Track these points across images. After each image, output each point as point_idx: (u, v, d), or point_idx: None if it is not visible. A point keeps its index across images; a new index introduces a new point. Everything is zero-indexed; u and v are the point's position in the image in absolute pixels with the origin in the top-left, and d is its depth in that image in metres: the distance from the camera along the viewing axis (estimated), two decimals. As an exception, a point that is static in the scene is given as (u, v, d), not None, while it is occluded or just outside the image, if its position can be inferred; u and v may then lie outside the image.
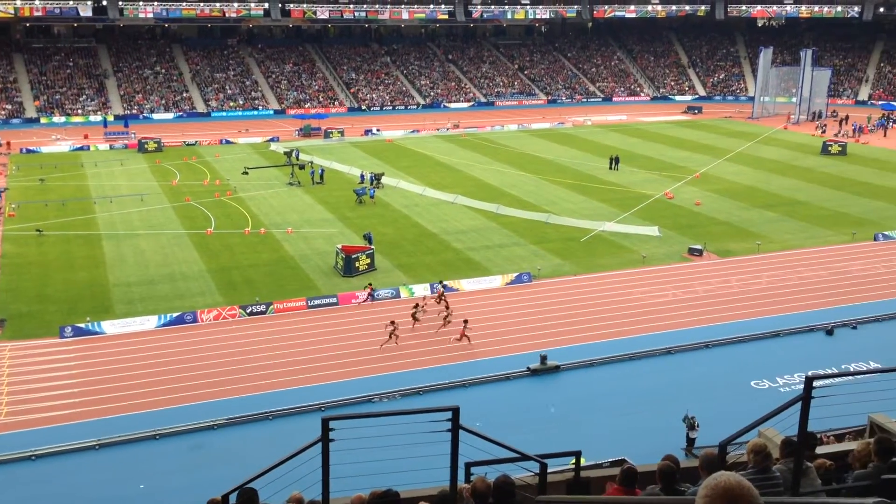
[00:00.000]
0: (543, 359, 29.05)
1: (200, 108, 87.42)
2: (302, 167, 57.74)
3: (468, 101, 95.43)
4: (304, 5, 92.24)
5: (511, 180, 56.80)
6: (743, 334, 31.97)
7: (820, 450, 12.30)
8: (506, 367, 29.10)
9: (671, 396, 26.95)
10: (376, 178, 54.68)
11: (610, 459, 20.98)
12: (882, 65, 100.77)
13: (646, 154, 66.07)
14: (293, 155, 60.01)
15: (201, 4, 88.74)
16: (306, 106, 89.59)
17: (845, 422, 18.11)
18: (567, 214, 47.91)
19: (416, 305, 32.93)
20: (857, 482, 6.15)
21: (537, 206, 49.86)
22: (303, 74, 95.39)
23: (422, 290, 36.08)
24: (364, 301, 35.07)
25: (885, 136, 75.44)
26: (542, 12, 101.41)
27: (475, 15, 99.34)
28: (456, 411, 6.28)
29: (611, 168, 60.19)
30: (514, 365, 29.25)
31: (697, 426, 23.67)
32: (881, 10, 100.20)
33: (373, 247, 40.15)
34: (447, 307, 33.14)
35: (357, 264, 38.05)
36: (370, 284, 35.87)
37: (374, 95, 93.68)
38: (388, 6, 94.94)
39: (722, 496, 2.62)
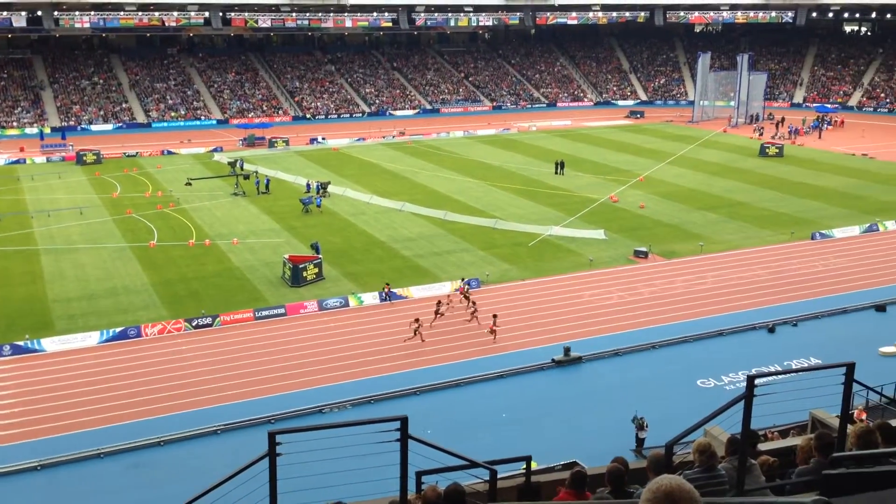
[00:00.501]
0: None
1: (141, 118, 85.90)
2: (247, 177, 57.09)
3: (413, 108, 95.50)
4: (246, 14, 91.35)
5: (458, 187, 56.96)
6: (688, 334, 32.49)
7: (765, 446, 12.54)
8: (460, 372, 29.10)
9: (621, 397, 27.25)
10: (322, 187, 54.33)
11: (562, 462, 21.16)
12: (816, 68, 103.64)
13: (590, 158, 66.88)
14: (237, 165, 59.31)
15: (140, 14, 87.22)
16: (250, 115, 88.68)
17: (789, 418, 18.59)
18: (514, 219, 48.20)
19: (439, 302, 33.94)
20: (799, 478, 6.27)
21: (485, 211, 50.09)
22: (246, 83, 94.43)
23: (371, 298, 35.92)
24: (382, 301, 35.67)
25: (819, 137, 77.55)
26: (486, 19, 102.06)
27: (419, 22, 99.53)
28: (404, 421, 6.22)
29: (556, 173, 60.77)
30: (468, 371, 29.27)
31: (646, 426, 23.96)
32: (814, 14, 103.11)
33: (320, 256, 39.85)
34: (473, 303, 33.96)
35: (305, 274, 37.72)
36: (388, 284, 36.45)
37: (318, 104, 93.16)
38: (332, 14, 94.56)
39: (663, 499, 2.63)
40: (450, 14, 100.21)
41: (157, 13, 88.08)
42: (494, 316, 32.60)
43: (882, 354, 30.61)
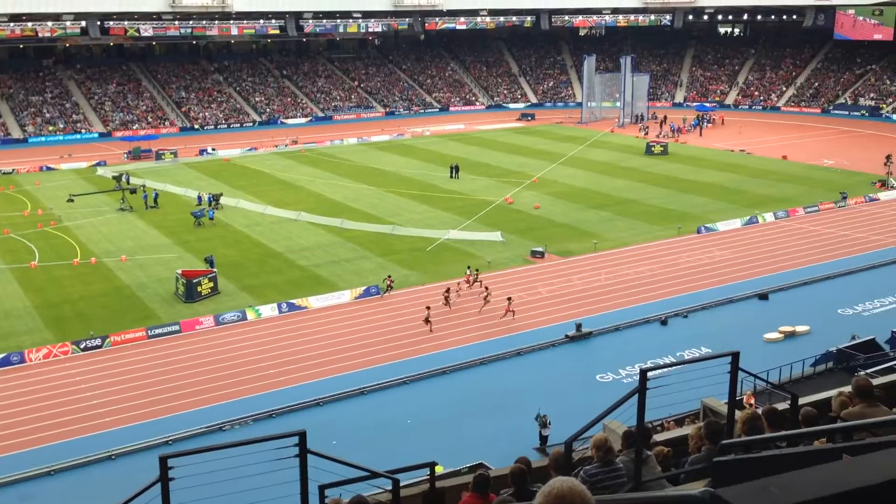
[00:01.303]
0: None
1: (16, 133, 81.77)
2: (133, 191, 55.14)
3: (305, 116, 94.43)
4: (126, 22, 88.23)
5: (354, 194, 56.61)
6: (586, 330, 33.23)
7: (661, 436, 12.90)
8: (363, 380, 28.87)
9: (524, 396, 27.61)
10: (214, 199, 53.01)
11: (468, 465, 21.26)
12: (694, 69, 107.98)
13: (484, 161, 67.66)
14: (123, 179, 57.21)
15: (11, 24, 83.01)
16: (134, 127, 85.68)
17: (684, 407, 19.16)
18: (412, 225, 48.26)
19: (448, 290, 35.73)
20: (692, 466, 6.45)
21: (382, 218, 49.95)
22: (128, 95, 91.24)
23: (269, 310, 35.25)
24: (385, 293, 36.82)
25: (700, 135, 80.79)
26: (375, 25, 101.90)
27: (307, 29, 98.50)
28: (303, 436, 6.07)
29: (451, 177, 61.20)
30: (372, 378, 29.09)
31: (549, 424, 24.36)
32: (690, 17, 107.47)
33: (215, 270, 38.85)
34: (486, 288, 35.74)
35: (199, 289, 36.70)
36: (389, 276, 37.57)
37: (206, 114, 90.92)
38: (216, 22, 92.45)
39: (555, 502, 2.63)
40: (338, 21, 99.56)
41: (29, 24, 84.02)
42: (509, 299, 34.75)
43: (766, 340, 32.11)
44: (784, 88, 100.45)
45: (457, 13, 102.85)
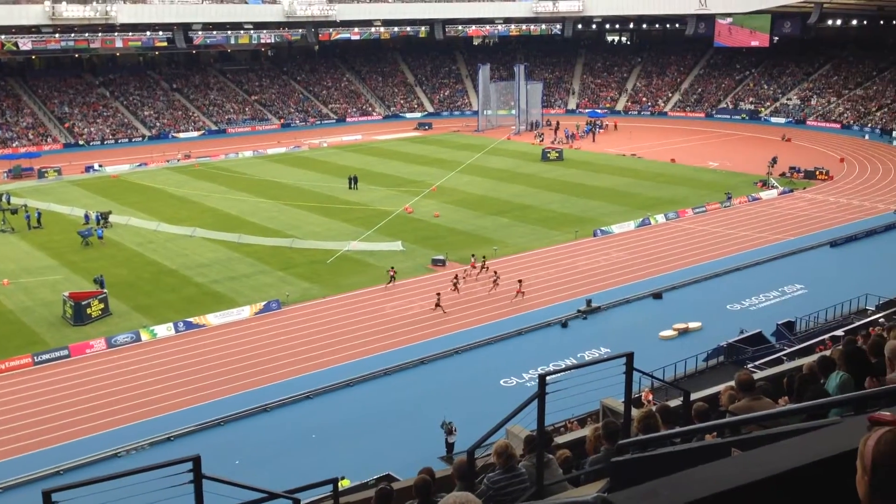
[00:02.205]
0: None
1: None
2: (14, 212, 52.52)
3: (198, 129, 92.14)
4: (3, 36, 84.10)
5: (251, 208, 55.52)
6: (489, 336, 33.53)
7: (564, 437, 13.07)
8: (265, 397, 28.26)
9: (430, 404, 27.62)
10: (103, 218, 51.02)
11: (375, 477, 21.09)
12: (585, 76, 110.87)
13: (383, 171, 67.54)
14: (3, 199, 54.41)
15: None
16: (14, 145, 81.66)
17: (585, 408, 19.53)
18: (311, 237, 47.68)
19: (456, 276, 38.33)
20: (592, 467, 6.53)
21: (280, 231, 49.16)
22: (7, 111, 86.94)
23: (165, 330, 34.12)
24: (388, 284, 38.57)
25: (593, 141, 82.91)
26: (267, 37, 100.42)
27: (196, 41, 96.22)
28: (196, 461, 5.84)
29: (350, 188, 60.81)
30: (275, 394, 28.51)
31: (455, 431, 24.40)
32: (579, 26, 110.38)
33: (105, 291, 37.37)
34: (495, 272, 38.80)
35: (89, 311, 35.21)
36: (392, 268, 39.47)
37: (92, 129, 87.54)
38: (100, 34, 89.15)
39: (450, 518, 2.59)
40: (229, 32, 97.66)
41: None
42: (520, 281, 37.49)
43: (662, 338, 33.13)
44: (670, 94, 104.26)
45: (351, 24, 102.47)
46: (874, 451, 1.89)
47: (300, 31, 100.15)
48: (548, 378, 6.73)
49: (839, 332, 26.40)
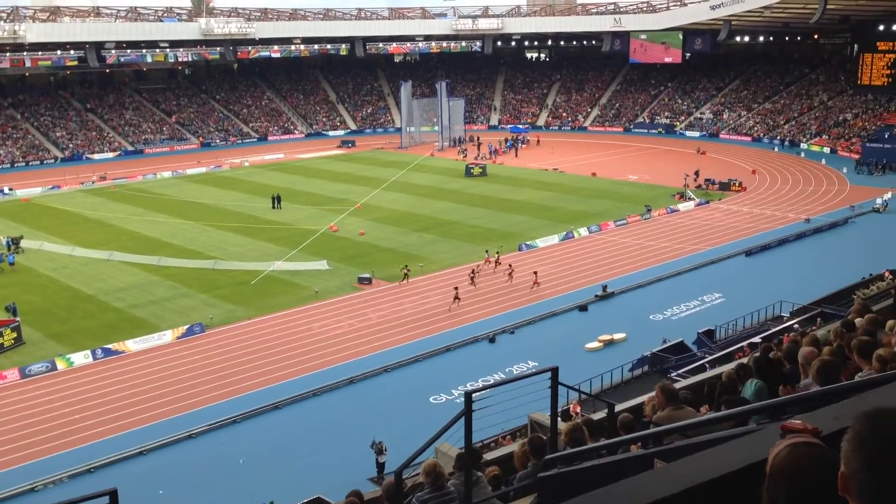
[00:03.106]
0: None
1: None
2: (-81, 239, 50.12)
3: (114, 150, 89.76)
4: None
5: (171, 230, 54.27)
6: (418, 353, 33.45)
7: (494, 453, 13.09)
8: (190, 423, 27.54)
9: (359, 425, 27.35)
10: (14, 243, 49.08)
11: (305, 500, 20.75)
12: (506, 92, 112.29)
13: (307, 190, 66.93)
14: None
15: None
16: (-82, 169, 78.15)
17: (515, 422, 19.63)
18: (235, 258, 46.86)
19: (473, 271, 41.60)
20: (520, 483, 6.54)
21: (202, 253, 48.16)
22: None
23: (82, 357, 32.97)
24: (402, 281, 41.05)
25: (516, 156, 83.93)
26: (184, 55, 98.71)
27: (110, 60, 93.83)
28: (114, 494, 5.63)
29: (274, 207, 60.06)
30: (201, 419, 27.80)
31: (385, 451, 24.22)
32: (499, 43, 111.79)
33: (18, 319, 35.94)
34: (510, 265, 42.32)
35: (0, 340, 33.79)
36: (406, 266, 41.88)
37: (1, 151, 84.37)
38: (7, 54, 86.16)
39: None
40: (144, 50, 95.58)
41: None
42: (535, 273, 40.95)
43: (588, 350, 33.61)
44: (589, 109, 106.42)
45: (270, 41, 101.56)
46: (772, 463, 1.93)
47: (218, 49, 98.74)
48: (475, 395, 6.73)
49: (757, 339, 27.24)
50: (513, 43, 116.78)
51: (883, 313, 12.01)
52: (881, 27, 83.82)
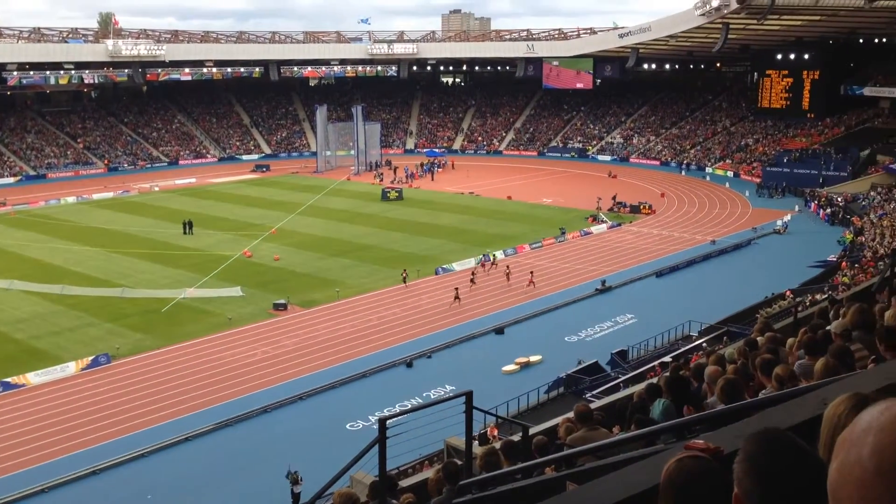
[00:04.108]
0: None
1: None
2: None
3: (14, 175, 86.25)
4: None
5: (76, 257, 52.33)
6: (335, 379, 33.01)
7: (410, 480, 12.95)
8: (94, 458, 26.42)
9: (274, 454, 26.73)
10: None
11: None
12: (422, 117, 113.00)
13: (220, 215, 65.65)
14: None
15: None
16: None
17: (431, 448, 19.55)
18: (144, 286, 45.46)
19: (474, 273, 45.80)
20: (435, 511, 6.46)
21: (109, 281, 46.56)
22: None
23: (-22, 393, 31.31)
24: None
25: (432, 179, 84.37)
26: (90, 77, 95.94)
27: (11, 82, 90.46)
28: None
29: (185, 233, 58.64)
30: (106, 454, 26.70)
31: (301, 480, 23.74)
32: (415, 68, 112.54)
33: None
34: (507, 266, 46.90)
35: None
36: (405, 271, 45.23)
37: None
38: None
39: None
40: (48, 72, 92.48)
41: None
42: (531, 272, 45.08)
43: (505, 372, 33.79)
44: (504, 133, 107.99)
45: (180, 64, 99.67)
46: (662, 478, 1.97)
47: (126, 71, 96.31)
48: (390, 421, 6.64)
49: (667, 358, 27.91)
50: (428, 67, 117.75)
51: (784, 331, 12.44)
52: (779, 56, 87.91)
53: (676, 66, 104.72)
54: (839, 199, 64.57)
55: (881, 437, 1.14)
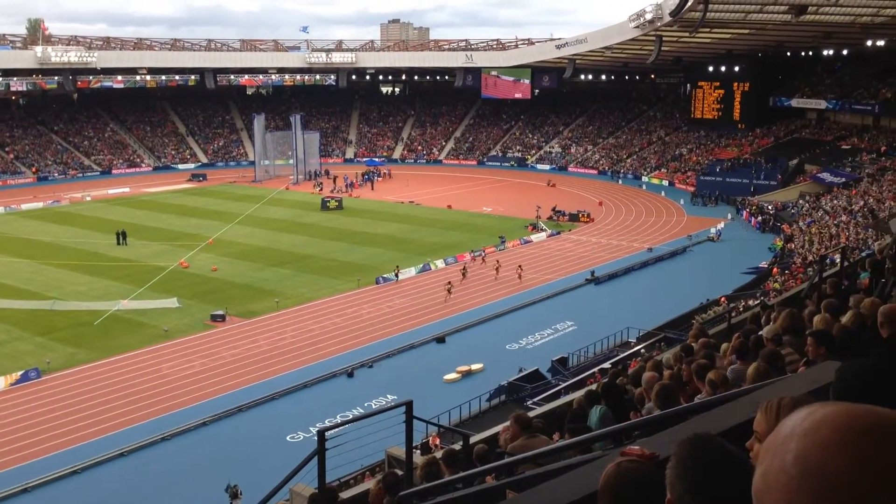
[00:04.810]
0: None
1: None
2: None
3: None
4: None
5: (4, 269, 50.66)
6: (275, 391, 32.58)
7: (353, 490, 12.84)
8: (26, 476, 25.56)
9: (214, 468, 26.23)
10: None
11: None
12: (361, 126, 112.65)
13: (155, 225, 64.34)
14: None
15: None
16: None
17: (373, 458, 19.41)
18: (76, 298, 44.24)
19: (464, 268, 49.19)
20: (376, 522, 6.41)
21: (39, 293, 45.19)
22: None
23: None
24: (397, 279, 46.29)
25: (372, 189, 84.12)
26: (18, 84, 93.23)
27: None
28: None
29: (119, 243, 57.28)
30: (37, 471, 25.86)
31: (241, 494, 23.36)
32: (353, 77, 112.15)
33: None
34: (497, 261, 50.07)
35: None
36: (398, 267, 48.38)
37: None
38: None
39: None
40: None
41: None
42: (520, 266, 48.26)
43: (446, 381, 33.81)
44: (444, 143, 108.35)
45: (113, 71, 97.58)
46: (601, 483, 1.99)
47: (56, 78, 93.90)
48: (331, 432, 6.58)
49: (607, 365, 28.27)
50: (367, 77, 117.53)
51: (718, 337, 12.73)
52: (710, 68, 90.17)
53: (613, 77, 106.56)
54: (769, 208, 66.41)
55: (804, 443, 1.16)
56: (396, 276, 48.35)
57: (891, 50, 72.12)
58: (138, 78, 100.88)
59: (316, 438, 23.37)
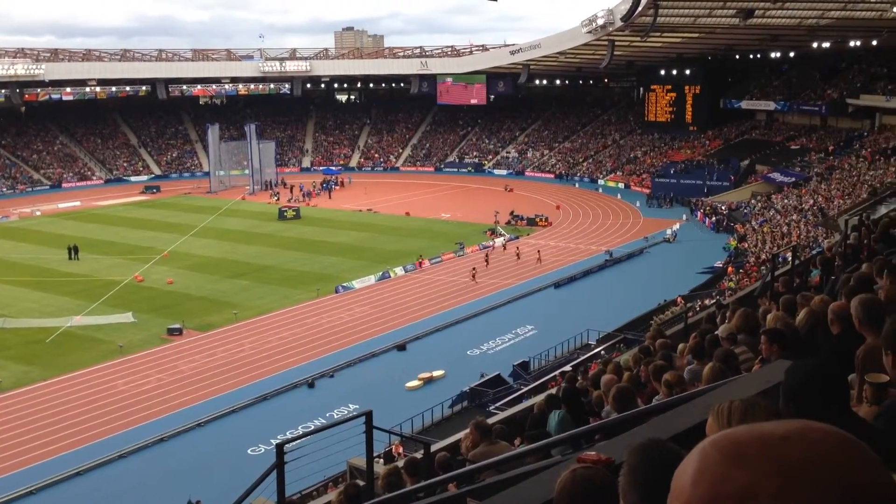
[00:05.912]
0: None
1: None
2: None
3: None
4: None
5: (-49, 287, 49.39)
6: (234, 404, 32.19)
7: (317, 502, 12.72)
8: None
9: (174, 484, 25.83)
10: None
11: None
12: (317, 134, 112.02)
13: (108, 239, 63.21)
14: None
15: None
16: None
17: (335, 469, 19.28)
18: (26, 315, 43.27)
19: (487, 255, 53.49)
20: (338, 535, 6.34)
21: (-11, 311, 44.13)
22: None
23: None
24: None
25: (330, 197, 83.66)
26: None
27: None
28: None
29: (70, 258, 56.15)
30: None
31: (202, 510, 23.01)
32: (308, 85, 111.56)
33: None
34: (517, 248, 54.10)
35: None
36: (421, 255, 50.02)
37: None
38: None
39: None
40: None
41: None
42: (538, 251, 52.42)
43: (408, 389, 33.72)
44: (401, 150, 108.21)
45: (61, 83, 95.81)
46: (556, 489, 1.98)
47: (2, 91, 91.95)
48: (290, 444, 6.50)
49: (568, 367, 28.40)
50: (322, 85, 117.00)
51: (675, 337, 12.86)
52: (662, 71, 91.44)
53: (567, 82, 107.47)
54: (723, 208, 67.47)
55: (684, 464, 1.15)
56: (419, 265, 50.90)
57: (835, 52, 73.90)
58: (88, 90, 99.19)
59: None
